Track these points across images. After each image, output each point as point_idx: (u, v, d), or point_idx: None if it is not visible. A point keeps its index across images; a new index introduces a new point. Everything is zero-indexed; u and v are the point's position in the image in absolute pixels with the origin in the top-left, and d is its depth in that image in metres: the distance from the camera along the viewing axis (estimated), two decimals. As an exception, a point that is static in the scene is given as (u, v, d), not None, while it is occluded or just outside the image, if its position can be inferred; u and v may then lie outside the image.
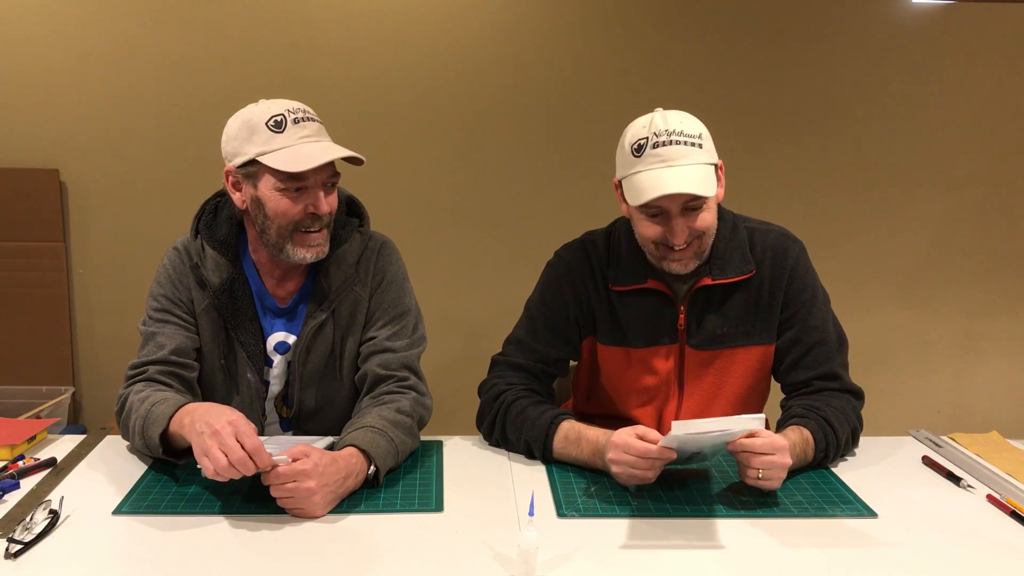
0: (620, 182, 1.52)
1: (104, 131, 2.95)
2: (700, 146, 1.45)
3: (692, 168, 1.43)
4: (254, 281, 1.61)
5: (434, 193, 3.08)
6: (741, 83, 3.05)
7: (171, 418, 1.37)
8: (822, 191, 3.16)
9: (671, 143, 1.43)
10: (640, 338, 1.60)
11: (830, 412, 1.49)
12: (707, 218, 1.48)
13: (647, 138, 1.45)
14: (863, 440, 1.60)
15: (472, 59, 2.99)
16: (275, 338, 1.61)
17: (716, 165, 1.50)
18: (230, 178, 1.54)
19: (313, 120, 1.51)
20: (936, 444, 1.62)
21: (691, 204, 1.45)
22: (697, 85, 3.04)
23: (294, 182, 1.47)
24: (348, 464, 1.33)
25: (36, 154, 2.95)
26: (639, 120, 1.50)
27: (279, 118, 1.47)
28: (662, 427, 1.63)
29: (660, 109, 1.49)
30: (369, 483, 1.38)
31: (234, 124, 1.52)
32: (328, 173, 1.50)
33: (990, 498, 1.37)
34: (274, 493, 1.27)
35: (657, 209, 1.46)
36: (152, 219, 2.98)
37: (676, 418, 1.59)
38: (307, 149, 1.46)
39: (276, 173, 1.46)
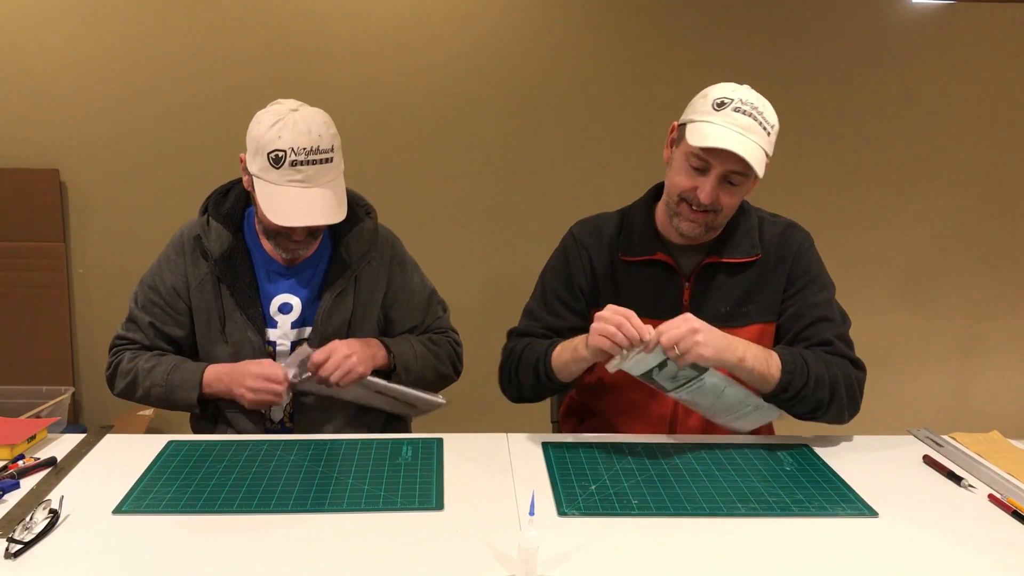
0: (684, 125, 1.58)
1: (104, 131, 2.95)
2: (769, 134, 1.55)
3: (757, 146, 1.52)
4: (256, 248, 1.71)
5: (439, 192, 3.08)
6: (740, 83, 3.04)
7: (200, 384, 1.65)
8: (822, 191, 3.16)
9: (751, 116, 1.52)
10: (641, 308, 1.62)
11: (807, 353, 1.55)
12: (735, 198, 1.58)
13: (732, 99, 1.54)
14: (863, 439, 1.60)
15: (476, 60, 2.99)
16: (279, 300, 1.71)
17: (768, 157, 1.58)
18: (242, 163, 1.63)
19: (313, 163, 1.54)
20: (937, 443, 1.62)
21: (733, 177, 1.53)
22: (697, 85, 3.03)
23: None
24: (368, 341, 1.70)
25: (36, 154, 2.95)
26: (729, 83, 1.59)
27: (279, 154, 1.53)
28: (664, 400, 1.65)
29: (748, 86, 1.59)
30: (389, 371, 1.71)
31: (254, 129, 1.57)
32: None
33: (991, 498, 1.37)
34: (324, 373, 1.59)
35: (706, 163, 1.53)
36: (152, 219, 2.98)
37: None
38: (291, 199, 1.54)
39: None
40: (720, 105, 1.53)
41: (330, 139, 1.57)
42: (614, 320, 1.44)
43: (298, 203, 1.54)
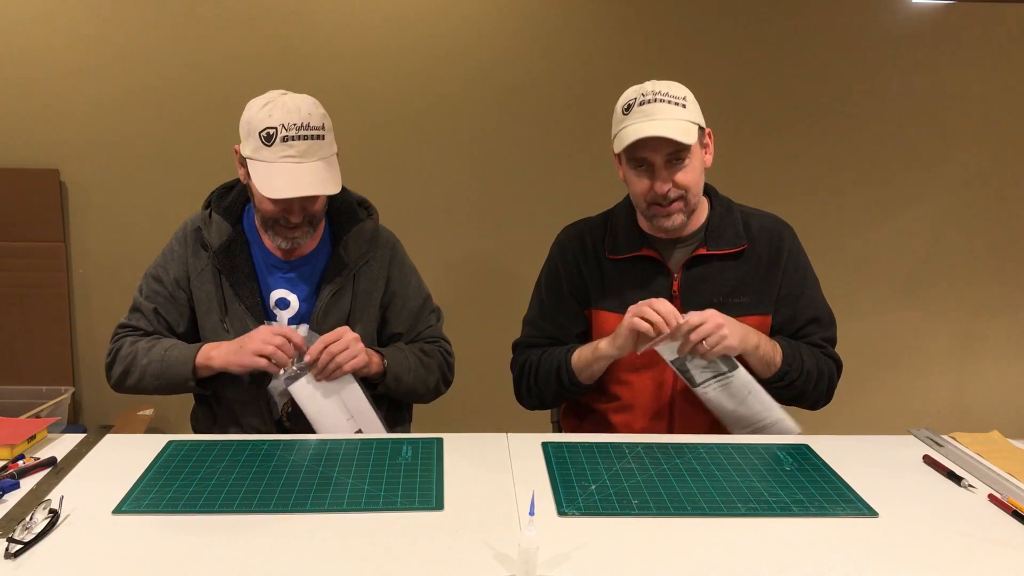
0: (614, 143, 1.65)
1: (104, 131, 2.95)
2: (684, 106, 1.60)
3: (673, 120, 1.57)
4: (255, 241, 1.73)
5: (439, 192, 3.08)
6: (740, 83, 3.05)
7: (195, 356, 1.63)
8: (822, 191, 3.16)
9: (656, 101, 1.59)
10: (632, 303, 1.66)
11: (804, 348, 1.68)
12: (689, 175, 1.61)
13: (635, 98, 1.61)
14: (863, 439, 1.60)
15: (475, 61, 2.99)
16: (277, 294, 1.72)
17: (701, 128, 1.63)
18: (237, 155, 1.64)
19: (304, 138, 1.56)
20: (937, 443, 1.62)
21: (674, 157, 1.59)
22: (697, 84, 3.01)
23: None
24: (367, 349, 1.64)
25: (36, 154, 2.95)
26: (633, 86, 1.66)
27: (271, 131, 1.55)
28: (660, 394, 1.71)
29: (653, 80, 1.66)
30: (380, 380, 1.68)
31: (246, 114, 1.61)
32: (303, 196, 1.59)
33: (991, 498, 1.37)
34: (335, 349, 1.57)
35: (643, 160, 1.60)
36: (152, 219, 2.98)
37: (673, 384, 1.70)
38: (284, 174, 1.55)
39: None
40: (627, 108, 1.61)
41: (320, 118, 1.59)
42: (655, 306, 1.53)
43: (291, 176, 1.55)
